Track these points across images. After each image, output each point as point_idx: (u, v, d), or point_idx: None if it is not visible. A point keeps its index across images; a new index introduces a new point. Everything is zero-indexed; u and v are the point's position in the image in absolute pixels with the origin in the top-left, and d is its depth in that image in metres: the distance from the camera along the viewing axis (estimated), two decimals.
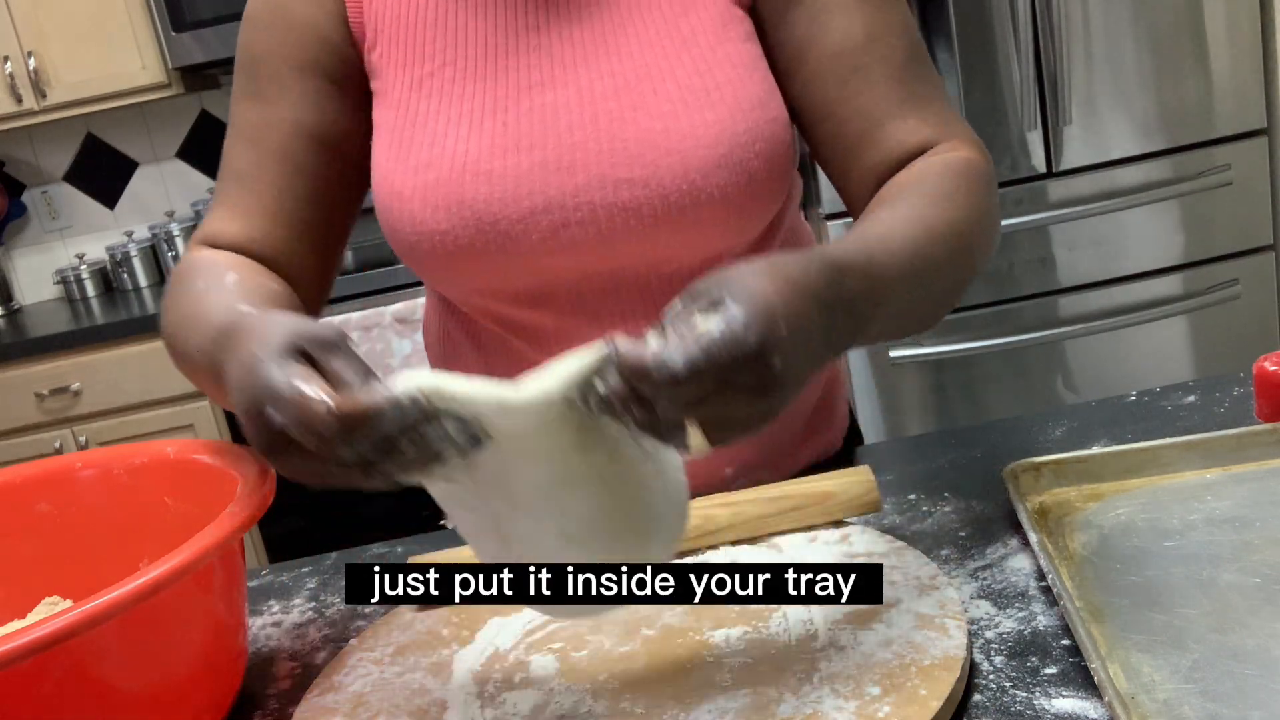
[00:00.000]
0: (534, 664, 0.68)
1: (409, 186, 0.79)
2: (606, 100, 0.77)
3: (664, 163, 0.76)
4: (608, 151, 0.77)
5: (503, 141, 0.78)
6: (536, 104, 0.78)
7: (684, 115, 0.76)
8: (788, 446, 0.92)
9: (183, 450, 0.81)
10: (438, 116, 0.80)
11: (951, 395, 2.49)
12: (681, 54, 0.78)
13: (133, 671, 0.62)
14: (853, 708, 0.57)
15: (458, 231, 0.78)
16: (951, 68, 2.35)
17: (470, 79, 0.80)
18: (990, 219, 0.74)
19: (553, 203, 0.77)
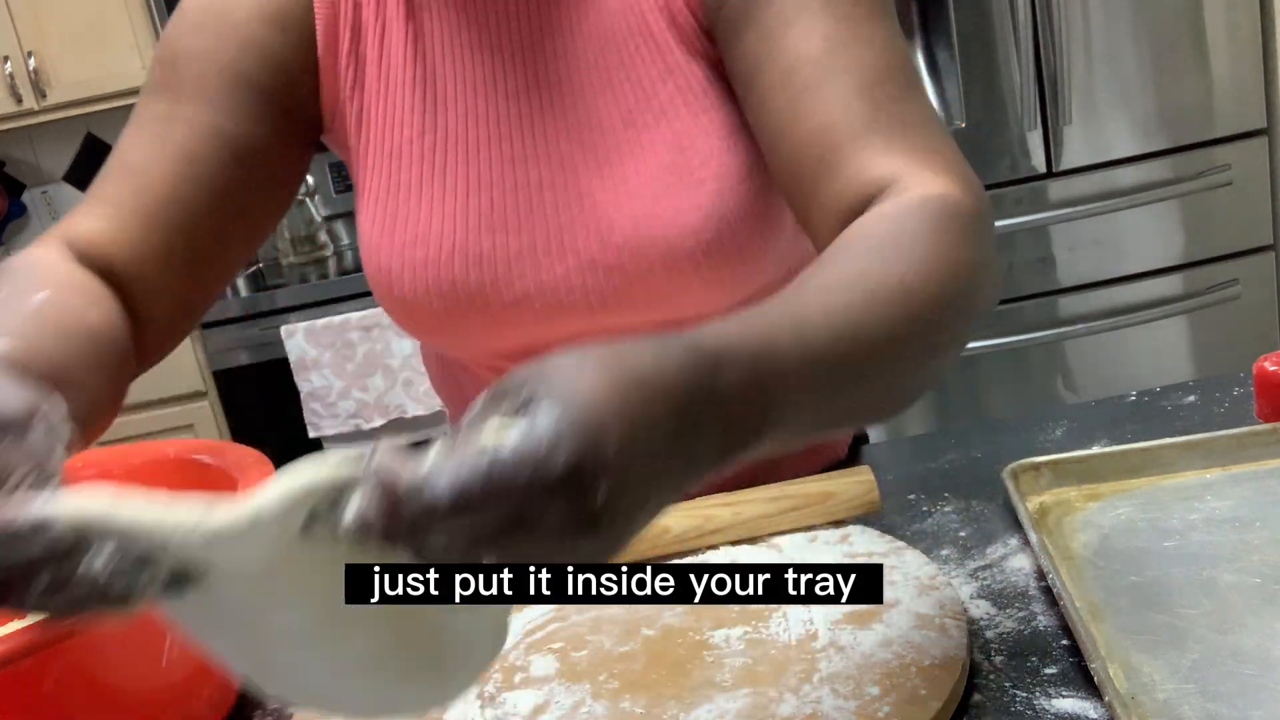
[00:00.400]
0: (534, 664, 0.68)
1: (397, 263, 0.77)
2: (590, 178, 0.74)
3: (653, 251, 0.73)
4: (595, 236, 0.74)
5: (490, 221, 0.76)
6: (521, 180, 0.75)
7: (668, 198, 0.73)
8: (802, 458, 0.91)
9: (183, 450, 0.80)
10: (420, 189, 0.77)
11: (951, 395, 2.49)
12: (662, 127, 0.74)
13: (132, 672, 0.62)
14: (853, 708, 0.57)
15: (449, 308, 0.77)
16: (951, 68, 2.35)
17: (452, 148, 0.76)
18: (973, 272, 0.56)
19: (545, 286, 0.76)
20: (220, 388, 2.65)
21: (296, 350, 2.52)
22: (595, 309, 0.76)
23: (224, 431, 2.67)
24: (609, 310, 0.76)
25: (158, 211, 0.71)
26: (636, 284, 0.75)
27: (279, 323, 2.58)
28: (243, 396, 2.65)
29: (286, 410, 2.60)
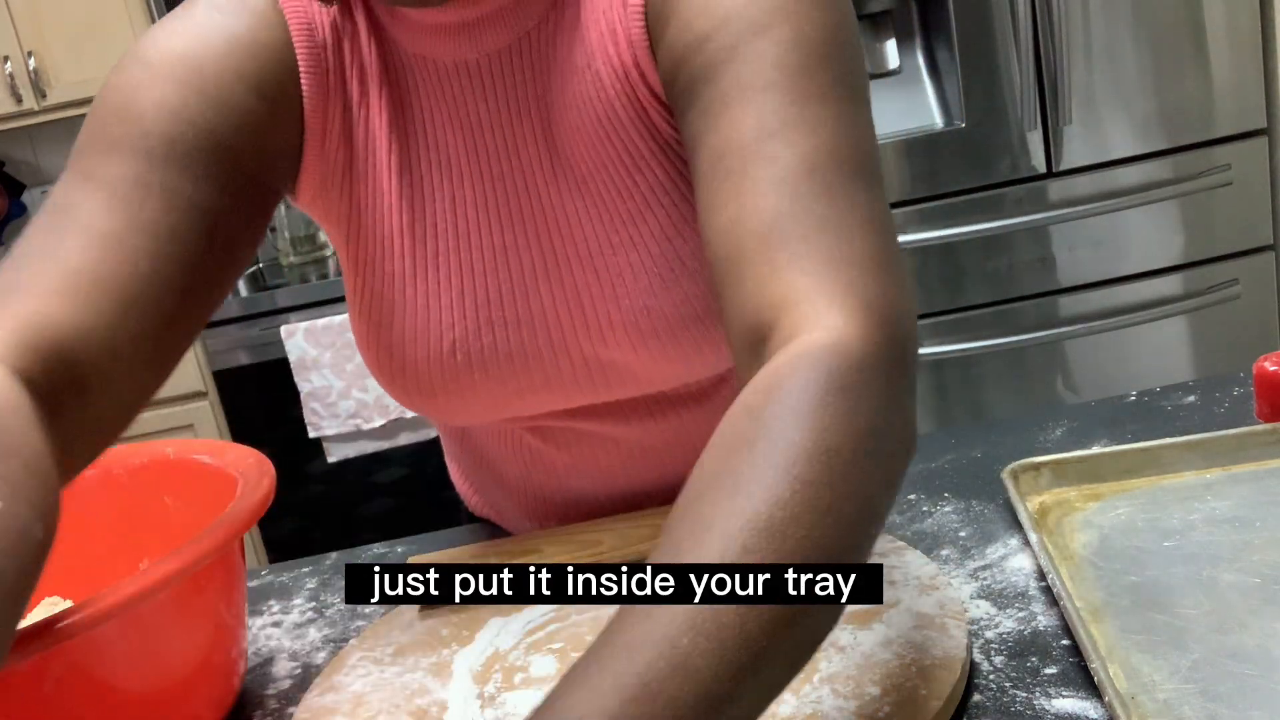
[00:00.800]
0: (534, 664, 0.68)
1: (396, 361, 0.76)
2: (583, 272, 0.72)
3: (652, 344, 0.72)
4: (594, 331, 0.73)
5: (487, 314, 0.74)
6: (515, 270, 0.73)
7: (661, 292, 0.71)
8: None
9: (183, 450, 0.81)
10: (414, 281, 0.74)
11: (951, 395, 2.49)
12: (647, 218, 0.71)
13: (132, 672, 0.62)
14: (853, 708, 0.57)
15: (450, 399, 0.77)
16: (951, 68, 2.35)
17: (441, 237, 0.74)
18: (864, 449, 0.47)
19: (549, 379, 0.75)
20: (220, 388, 2.65)
21: (296, 350, 2.52)
22: (598, 391, 0.76)
23: (224, 431, 2.67)
24: (611, 391, 0.76)
25: (136, 294, 0.61)
26: (637, 371, 0.74)
27: (279, 323, 2.58)
28: (243, 396, 2.65)
29: (286, 410, 2.60)
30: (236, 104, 0.67)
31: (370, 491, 2.69)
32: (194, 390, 2.66)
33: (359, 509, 2.71)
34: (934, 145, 2.35)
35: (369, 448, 2.58)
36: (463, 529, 0.97)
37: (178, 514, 0.78)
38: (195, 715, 0.67)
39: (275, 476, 0.71)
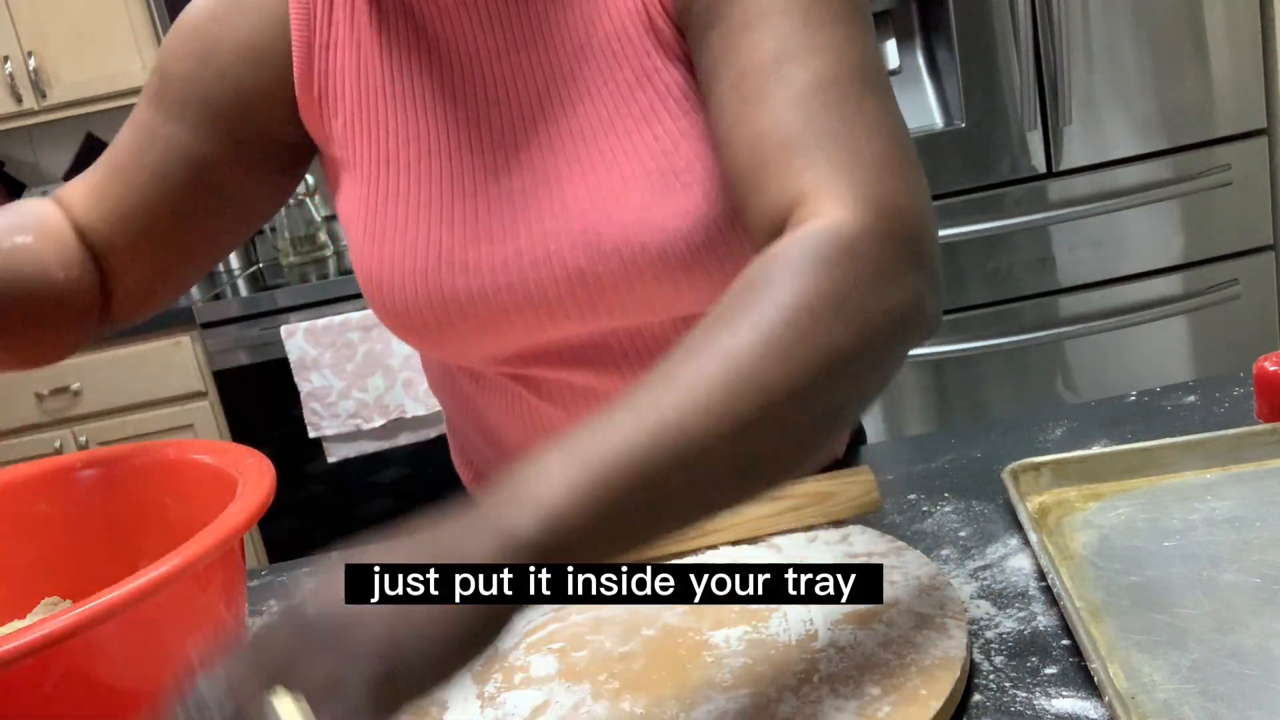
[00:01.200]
0: (534, 664, 0.68)
1: (387, 275, 0.78)
2: (574, 186, 0.73)
3: (641, 259, 0.72)
4: (583, 245, 0.73)
5: (475, 230, 0.75)
6: (505, 190, 0.75)
7: (655, 205, 0.71)
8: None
9: (183, 450, 0.81)
10: (407, 199, 0.77)
11: (951, 395, 2.49)
12: (644, 132, 0.72)
13: (132, 672, 0.61)
14: (853, 708, 0.57)
15: (439, 317, 0.77)
16: (951, 68, 2.35)
17: (435, 157, 0.76)
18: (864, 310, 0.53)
19: (534, 296, 0.75)
20: (220, 388, 2.65)
21: (296, 350, 2.52)
22: (586, 315, 0.76)
23: (224, 431, 2.67)
24: (599, 316, 0.76)
25: (129, 213, 0.80)
26: (625, 291, 0.74)
27: (279, 323, 2.58)
28: (243, 396, 2.65)
29: (286, 410, 2.60)
30: (235, 77, 0.78)
31: (370, 491, 2.69)
32: (194, 390, 2.66)
33: (359, 509, 2.71)
34: (934, 145, 2.35)
35: (369, 448, 2.58)
36: None
37: (178, 514, 0.78)
38: None
39: (275, 476, 0.71)
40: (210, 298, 2.69)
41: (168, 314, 2.64)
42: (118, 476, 0.82)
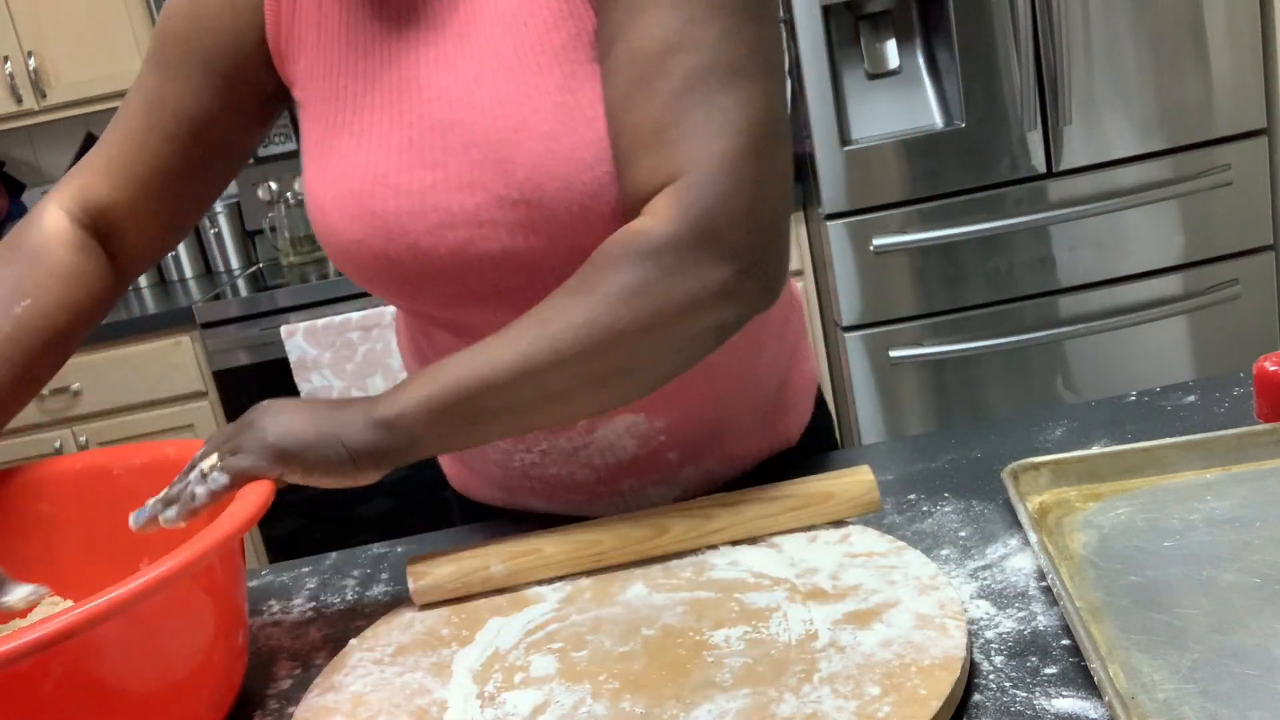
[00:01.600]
0: (534, 664, 0.68)
1: (329, 198, 0.83)
2: (495, 119, 0.77)
3: (550, 187, 0.76)
4: (501, 174, 0.77)
5: (409, 156, 0.80)
6: (437, 120, 0.79)
7: (564, 137, 0.76)
8: (742, 436, 0.93)
9: (183, 450, 0.81)
10: (352, 128, 0.83)
11: (951, 395, 2.49)
12: (555, 69, 0.77)
13: (132, 672, 0.61)
14: (853, 708, 0.57)
15: (371, 240, 0.81)
16: (951, 68, 2.35)
17: (378, 89, 0.82)
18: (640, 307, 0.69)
19: (456, 219, 0.79)
20: (220, 388, 2.65)
21: (296, 350, 2.52)
22: (504, 240, 0.79)
23: None
24: (517, 240, 0.79)
25: (146, 178, 0.90)
26: (539, 216, 0.78)
27: (279, 323, 2.58)
28: (243, 396, 2.65)
29: None
30: (222, 27, 0.87)
31: (370, 491, 2.69)
32: (194, 390, 2.66)
33: (359, 509, 2.71)
34: (934, 145, 2.35)
35: None
36: (463, 529, 0.97)
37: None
38: (195, 715, 0.67)
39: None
40: (210, 298, 2.69)
41: (168, 314, 2.64)
42: (118, 476, 0.83)
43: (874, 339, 2.47)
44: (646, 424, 0.87)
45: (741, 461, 0.94)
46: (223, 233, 3.10)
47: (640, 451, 0.88)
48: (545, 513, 0.95)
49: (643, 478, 0.90)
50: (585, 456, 0.88)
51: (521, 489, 0.93)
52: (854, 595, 0.68)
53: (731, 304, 0.72)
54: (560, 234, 0.78)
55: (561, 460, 0.89)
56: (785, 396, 0.97)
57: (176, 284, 3.06)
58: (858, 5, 2.40)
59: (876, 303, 2.45)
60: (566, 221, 0.77)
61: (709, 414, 0.89)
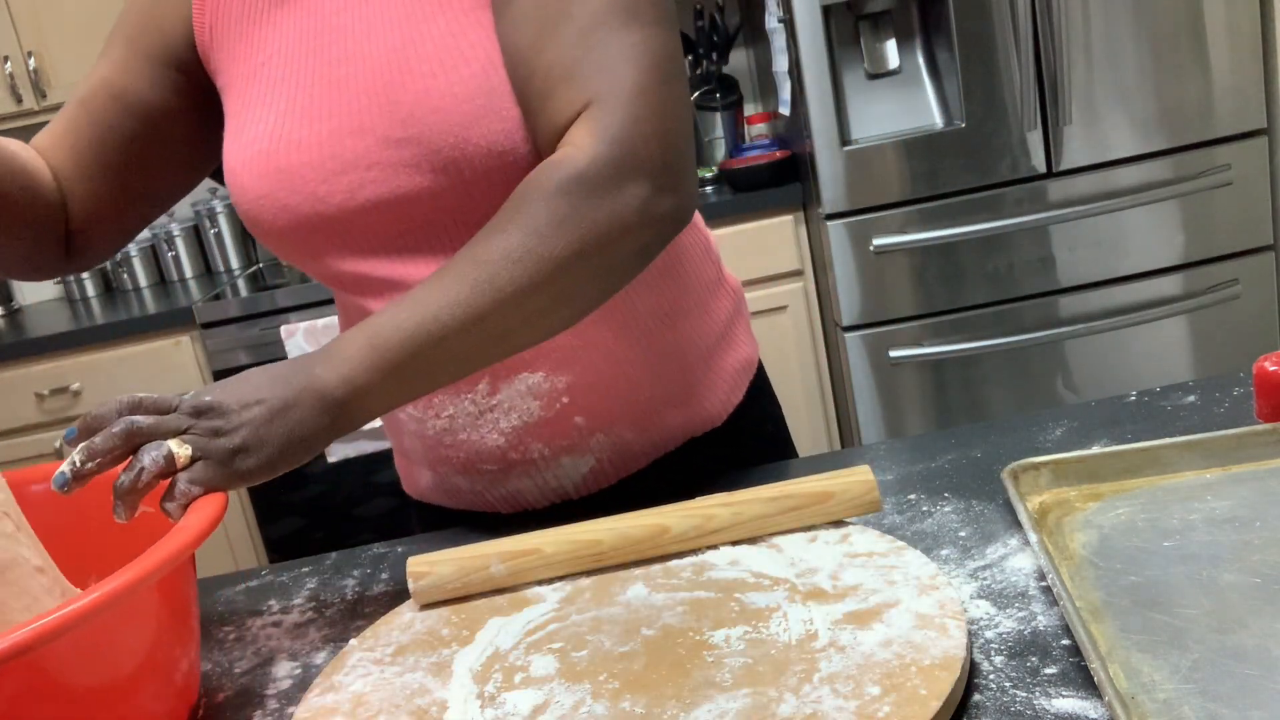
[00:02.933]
0: (534, 664, 0.68)
1: (240, 161, 0.88)
2: (385, 69, 0.83)
3: (430, 120, 0.81)
4: (386, 114, 0.83)
5: (309, 111, 0.85)
6: (336, 76, 0.85)
7: (442, 74, 0.81)
8: (656, 406, 0.94)
9: None
10: (265, 101, 0.88)
11: (951, 395, 2.49)
12: (438, 18, 0.82)
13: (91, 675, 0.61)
14: (853, 708, 0.57)
15: (277, 193, 0.86)
16: (951, 68, 2.36)
17: (290, 62, 0.87)
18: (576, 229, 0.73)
19: (348, 164, 0.84)
20: None
21: (296, 350, 2.52)
22: (392, 181, 0.83)
23: None
24: (402, 180, 0.83)
25: (85, 159, 0.94)
26: (422, 152, 0.82)
27: (279, 323, 2.58)
28: None
29: None
30: (156, 12, 0.92)
31: (370, 491, 2.69)
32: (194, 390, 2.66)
33: (359, 509, 2.71)
34: (934, 145, 2.35)
35: (369, 448, 2.58)
36: (463, 529, 0.98)
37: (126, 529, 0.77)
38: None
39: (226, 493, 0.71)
40: (210, 298, 2.69)
41: (168, 314, 2.64)
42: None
43: (874, 339, 2.47)
44: (548, 383, 0.88)
45: (658, 434, 0.94)
46: (223, 233, 3.10)
47: (545, 413, 0.89)
48: (471, 511, 0.97)
49: (552, 444, 0.90)
50: (492, 419, 0.89)
51: (443, 461, 0.94)
52: (854, 595, 0.68)
53: (653, 224, 0.75)
54: (444, 171, 0.82)
55: (469, 424, 0.90)
56: (711, 376, 0.97)
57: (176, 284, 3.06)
58: (858, 5, 2.40)
59: (876, 303, 2.45)
60: (449, 156, 0.81)
61: (612, 375, 0.90)
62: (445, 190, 0.83)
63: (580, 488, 0.94)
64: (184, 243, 3.07)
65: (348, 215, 0.85)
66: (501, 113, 0.81)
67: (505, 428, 0.89)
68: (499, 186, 0.82)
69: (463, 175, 0.82)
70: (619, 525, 0.78)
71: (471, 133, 0.80)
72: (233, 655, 0.81)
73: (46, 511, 0.82)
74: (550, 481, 0.92)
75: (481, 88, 0.80)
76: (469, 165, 0.81)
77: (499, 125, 0.80)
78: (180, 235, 3.05)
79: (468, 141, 0.81)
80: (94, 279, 3.08)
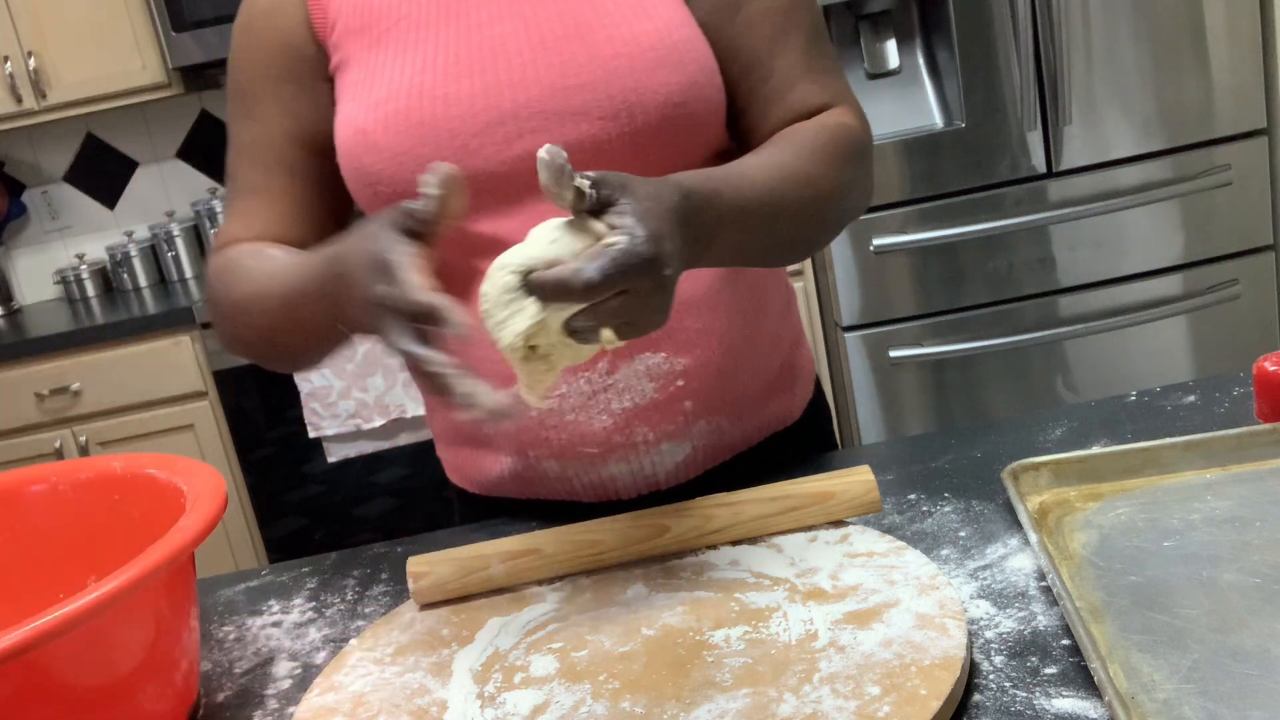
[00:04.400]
0: (534, 664, 0.68)
1: (370, 120, 0.86)
2: (550, 25, 0.85)
3: (611, 65, 0.83)
4: (557, 65, 0.84)
5: (455, 70, 0.85)
6: (485, 38, 0.85)
7: (623, 25, 0.85)
8: (752, 397, 0.95)
9: (131, 465, 0.80)
10: (394, 63, 0.87)
11: (951, 395, 2.49)
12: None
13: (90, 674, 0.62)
14: (853, 708, 0.57)
15: (418, 149, 0.85)
16: (951, 68, 2.35)
17: (423, 27, 0.87)
18: (851, 180, 0.87)
19: (507, 115, 0.84)
20: (220, 388, 2.65)
21: None
22: (564, 124, 0.84)
23: (224, 431, 2.67)
24: (566, 130, 0.84)
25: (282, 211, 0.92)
26: (598, 97, 0.84)
27: None
28: (243, 396, 2.65)
29: (286, 410, 2.60)
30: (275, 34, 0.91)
31: (370, 491, 2.69)
32: (194, 390, 2.66)
33: (359, 509, 2.71)
34: (934, 145, 2.35)
35: (369, 448, 2.58)
36: (463, 529, 0.97)
37: (127, 529, 0.78)
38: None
39: (225, 493, 0.71)
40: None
41: (168, 314, 2.64)
42: (64, 493, 0.81)
43: (874, 339, 2.47)
44: (667, 364, 0.88)
45: (750, 425, 0.95)
46: None
47: (658, 395, 0.89)
48: (548, 500, 0.95)
49: (658, 428, 0.90)
50: (604, 400, 0.88)
51: (539, 444, 0.92)
52: (854, 595, 0.68)
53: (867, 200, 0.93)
54: (615, 118, 0.83)
55: (580, 404, 0.89)
56: (789, 373, 0.99)
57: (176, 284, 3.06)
58: (858, 5, 2.40)
59: (876, 303, 2.45)
60: (624, 101, 0.83)
61: (725, 362, 0.91)
62: (612, 139, 0.84)
63: (671, 477, 0.93)
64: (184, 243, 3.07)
65: (497, 168, 0.85)
66: (680, 66, 0.85)
67: (616, 409, 0.89)
68: (666, 136, 0.85)
69: (635, 122, 0.84)
70: (619, 525, 0.78)
71: (651, 80, 0.84)
72: (233, 655, 0.81)
73: (46, 511, 0.82)
74: (645, 468, 0.91)
75: (664, 40, 0.85)
76: (643, 112, 0.84)
77: (676, 77, 0.84)
78: (180, 235, 3.05)
79: (645, 88, 0.84)
80: (94, 279, 3.08)
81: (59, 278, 3.11)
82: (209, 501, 0.69)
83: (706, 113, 0.88)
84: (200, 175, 3.14)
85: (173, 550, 0.62)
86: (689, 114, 0.85)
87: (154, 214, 3.16)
